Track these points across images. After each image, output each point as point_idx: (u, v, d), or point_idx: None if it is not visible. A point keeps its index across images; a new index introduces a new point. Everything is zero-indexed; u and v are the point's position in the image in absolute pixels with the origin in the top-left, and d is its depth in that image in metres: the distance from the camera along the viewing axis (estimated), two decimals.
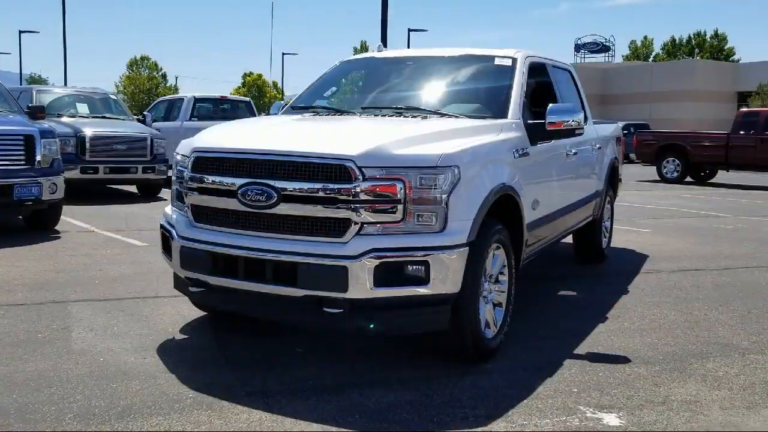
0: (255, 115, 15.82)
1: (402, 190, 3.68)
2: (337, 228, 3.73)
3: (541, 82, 5.67)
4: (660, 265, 7.48)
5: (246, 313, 4.33)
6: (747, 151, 19.15)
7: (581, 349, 4.56)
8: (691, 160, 20.06)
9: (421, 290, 3.72)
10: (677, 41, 79.29)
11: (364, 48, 59.77)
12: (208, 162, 4.06)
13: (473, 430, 3.32)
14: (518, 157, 4.56)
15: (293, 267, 3.74)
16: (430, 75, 5.43)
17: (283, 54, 56.29)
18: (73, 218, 9.59)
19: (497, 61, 5.25)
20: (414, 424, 3.37)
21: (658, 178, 20.44)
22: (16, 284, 5.87)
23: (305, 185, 3.74)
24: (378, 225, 3.70)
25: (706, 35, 78.44)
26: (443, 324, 3.90)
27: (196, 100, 14.98)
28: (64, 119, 12.25)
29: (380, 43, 6.03)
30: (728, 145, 19.47)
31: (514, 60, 5.23)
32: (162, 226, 4.45)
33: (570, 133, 4.87)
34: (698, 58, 72.11)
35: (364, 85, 5.61)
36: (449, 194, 3.76)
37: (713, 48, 77.37)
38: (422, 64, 5.54)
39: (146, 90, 73.18)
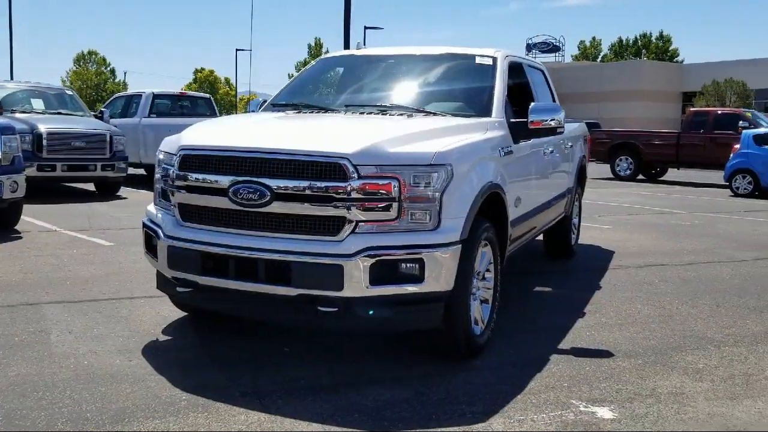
0: (215, 112, 15.61)
1: (396, 188, 3.69)
2: (331, 226, 3.71)
3: (519, 82, 5.74)
4: (626, 261, 7.66)
5: (236, 313, 4.28)
6: (697, 150, 19.76)
7: (564, 344, 4.64)
8: (644, 158, 20.60)
9: (416, 288, 3.74)
10: (624, 42, 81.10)
11: (318, 45, 59.50)
12: (196, 160, 4.00)
13: (472, 427, 3.35)
14: (503, 155, 4.61)
15: (287, 266, 3.71)
16: (412, 73, 5.44)
17: (237, 50, 55.61)
18: (33, 218, 9.31)
19: (478, 60, 5.30)
20: (414, 422, 3.39)
21: (612, 176, 20.92)
22: None
23: (299, 183, 3.71)
24: (372, 223, 3.70)
25: (651, 36, 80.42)
26: (436, 321, 3.92)
27: (155, 96, 14.68)
28: (18, 115, 11.87)
29: (359, 41, 6.01)
30: (679, 144, 20.06)
31: (495, 59, 5.28)
32: (145, 225, 4.36)
33: (552, 131, 4.94)
34: (645, 58, 73.96)
35: (345, 82, 5.59)
36: (443, 192, 3.78)
37: (658, 49, 79.40)
38: (403, 62, 5.55)
39: (94, 85, 71.46)
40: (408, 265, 3.71)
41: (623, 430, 3.36)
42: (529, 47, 65.74)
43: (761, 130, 17.43)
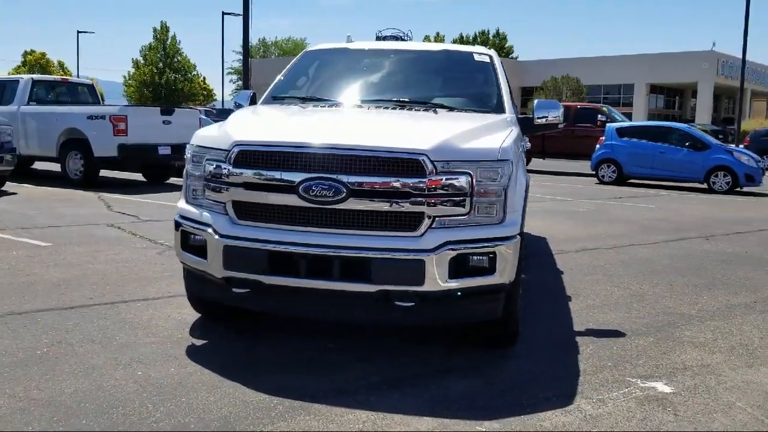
0: (99, 100, 14.62)
1: (469, 183, 3.79)
2: (410, 222, 3.74)
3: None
4: (564, 246, 8.21)
5: (301, 313, 4.16)
6: (560, 141, 21.26)
7: (578, 328, 4.97)
8: None
9: (488, 280, 3.86)
10: (465, 38, 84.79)
11: (165, 29, 56.81)
12: (256, 156, 3.85)
13: (565, 409, 3.54)
14: (522, 151, 4.84)
15: (366, 262, 3.70)
16: (420, 70, 5.52)
17: (78, 32, 51.68)
18: None
19: (476, 57, 5.48)
20: (509, 410, 3.50)
21: None
22: None
23: (377, 179, 3.70)
24: (447, 218, 3.78)
25: (489, 34, 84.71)
26: (499, 312, 4.07)
27: (35, 82, 13.47)
28: None
29: (349, 35, 5.98)
30: (544, 136, 21.45)
31: (491, 57, 5.49)
32: (182, 224, 4.13)
33: (553, 126, 5.23)
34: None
35: (347, 76, 5.53)
36: (507, 186, 3.93)
37: (495, 46, 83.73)
38: (407, 58, 5.60)
39: None
40: (482, 258, 3.83)
41: (688, 401, 3.71)
42: (379, 39, 67.01)
43: (624, 124, 19.11)
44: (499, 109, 5.01)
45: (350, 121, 4.46)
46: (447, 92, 5.28)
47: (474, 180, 3.80)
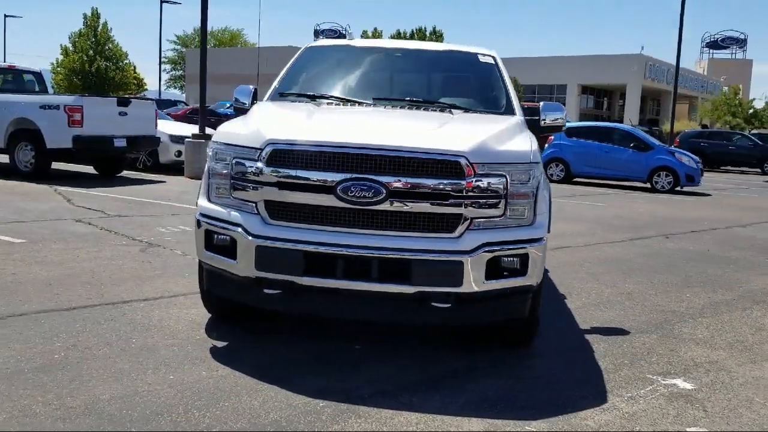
0: (47, 88, 14.01)
1: (504, 185, 3.83)
2: (448, 223, 3.76)
3: None
4: None
5: (335, 314, 4.10)
6: None
7: (583, 326, 5.08)
8: None
9: (520, 281, 3.92)
10: (402, 34, 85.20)
11: (96, 16, 54.82)
12: (292, 156, 3.78)
13: (603, 407, 3.63)
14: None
15: (406, 264, 3.69)
16: (427, 69, 5.51)
17: (6, 16, 49.24)
18: None
19: (481, 59, 5.52)
20: (547, 410, 3.55)
21: None
22: None
23: (417, 181, 3.70)
24: (483, 219, 3.81)
25: (426, 31, 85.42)
26: (526, 312, 4.13)
27: None
28: None
29: (350, 32, 5.89)
30: None
31: (494, 58, 5.54)
32: (207, 223, 4.02)
33: (557, 129, 5.33)
34: None
35: (356, 74, 5.47)
36: (537, 189, 3.99)
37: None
38: (412, 57, 5.59)
39: None
40: (515, 260, 3.88)
41: (711, 398, 3.86)
42: (317, 33, 66.41)
43: (573, 124, 19.59)
44: (510, 110, 5.07)
45: (381, 121, 4.42)
46: (457, 93, 5.31)
47: (508, 182, 3.85)
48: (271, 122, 4.10)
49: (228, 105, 35.42)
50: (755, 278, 7.16)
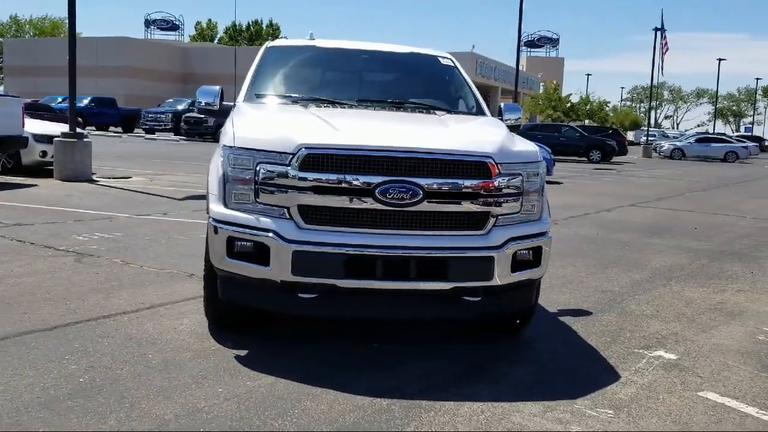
0: None
1: (521, 183, 4.10)
2: (478, 221, 3.96)
3: None
4: None
5: (372, 314, 4.12)
6: None
7: (551, 309, 5.48)
8: None
9: (534, 273, 4.21)
10: (238, 26, 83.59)
11: None
12: (328, 159, 3.79)
13: (619, 381, 4.01)
14: None
15: (444, 262, 3.85)
16: (395, 71, 5.63)
17: None
18: None
19: (442, 61, 5.75)
20: (583, 387, 3.86)
21: None
22: None
23: (451, 181, 3.86)
24: (505, 216, 4.06)
25: (262, 24, 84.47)
26: (533, 300, 4.44)
27: None
28: None
29: (311, 32, 5.81)
30: None
31: (453, 60, 5.81)
32: (226, 230, 3.90)
33: (516, 129, 5.68)
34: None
35: (331, 75, 5.47)
36: (543, 185, 4.30)
37: (269, 35, 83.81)
38: (378, 59, 5.67)
39: None
40: (531, 252, 4.16)
41: (696, 365, 4.38)
42: (147, 23, 63.50)
43: None
44: (480, 111, 5.35)
45: (395, 125, 4.51)
46: (430, 94, 5.49)
47: (524, 180, 4.12)
48: (297, 126, 4.06)
49: (60, 99, 32.96)
50: (653, 257, 8.02)
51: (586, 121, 55.25)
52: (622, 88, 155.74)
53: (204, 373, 3.77)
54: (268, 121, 4.28)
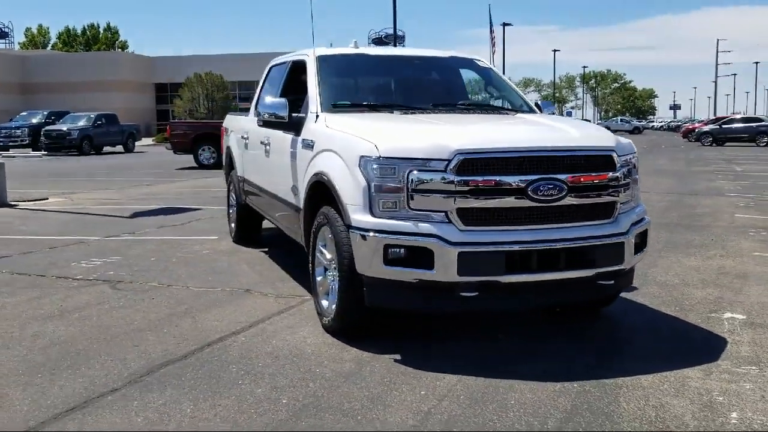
0: None
1: (630, 173, 4.51)
2: (607, 210, 4.31)
3: None
4: None
5: (522, 306, 4.41)
6: None
7: None
8: None
9: (644, 254, 4.63)
10: (72, 31, 78.55)
11: None
12: (485, 163, 3.99)
13: (710, 345, 4.53)
14: None
15: (589, 250, 4.17)
16: (448, 75, 5.90)
17: None
18: None
19: (480, 64, 6.06)
20: (644, 363, 4.16)
21: (196, 165, 21.47)
22: None
23: (588, 175, 4.19)
24: (623, 204, 4.44)
25: (100, 28, 79.89)
26: (632, 281, 4.85)
27: None
28: None
29: (355, 40, 5.79)
30: None
31: (486, 62, 6.13)
32: (381, 238, 3.98)
33: None
34: (120, 50, 73.49)
35: (386, 82, 5.60)
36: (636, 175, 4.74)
37: (107, 40, 79.53)
38: (426, 64, 5.91)
39: None
40: (642, 235, 4.58)
41: (764, 322, 4.99)
42: None
43: None
44: (531, 109, 5.71)
45: (506, 126, 4.85)
46: (488, 95, 5.79)
47: (631, 169, 4.53)
48: (463, 134, 4.22)
49: None
50: None
51: None
52: None
53: (386, 378, 3.84)
54: (398, 129, 4.39)
